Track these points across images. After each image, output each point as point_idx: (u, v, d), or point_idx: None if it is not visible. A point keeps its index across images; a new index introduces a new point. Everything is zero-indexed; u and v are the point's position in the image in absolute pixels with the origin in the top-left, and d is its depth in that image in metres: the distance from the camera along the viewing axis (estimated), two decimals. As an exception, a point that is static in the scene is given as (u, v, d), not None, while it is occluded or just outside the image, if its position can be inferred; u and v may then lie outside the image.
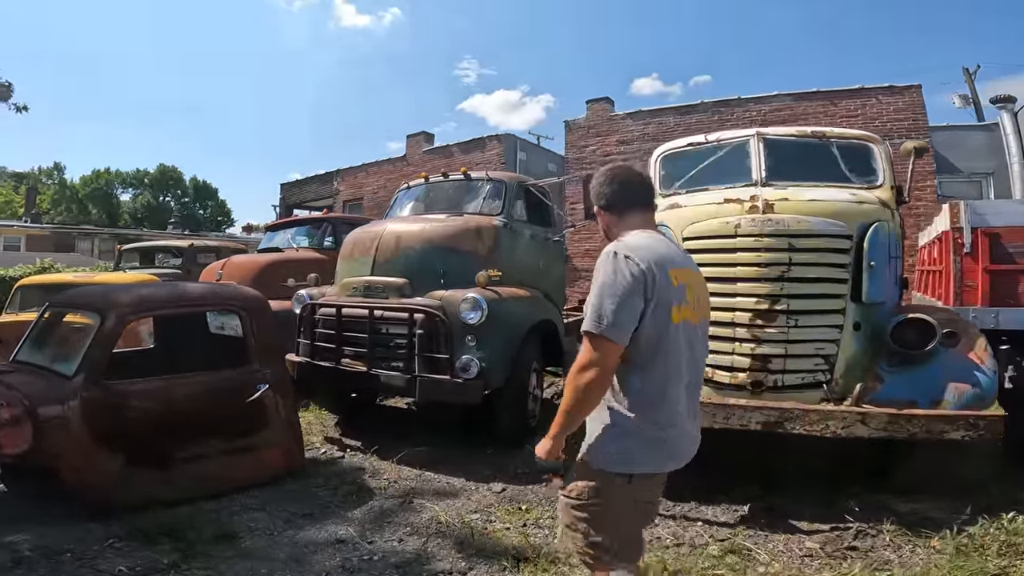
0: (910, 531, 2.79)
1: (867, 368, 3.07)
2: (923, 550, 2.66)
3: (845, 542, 2.75)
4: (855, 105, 9.36)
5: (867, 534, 2.80)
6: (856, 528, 2.83)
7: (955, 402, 2.88)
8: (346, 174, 17.70)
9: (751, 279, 3.01)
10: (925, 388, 2.95)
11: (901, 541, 2.74)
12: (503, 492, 3.43)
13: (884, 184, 3.58)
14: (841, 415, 2.77)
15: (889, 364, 3.07)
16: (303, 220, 9.44)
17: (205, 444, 3.34)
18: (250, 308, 3.80)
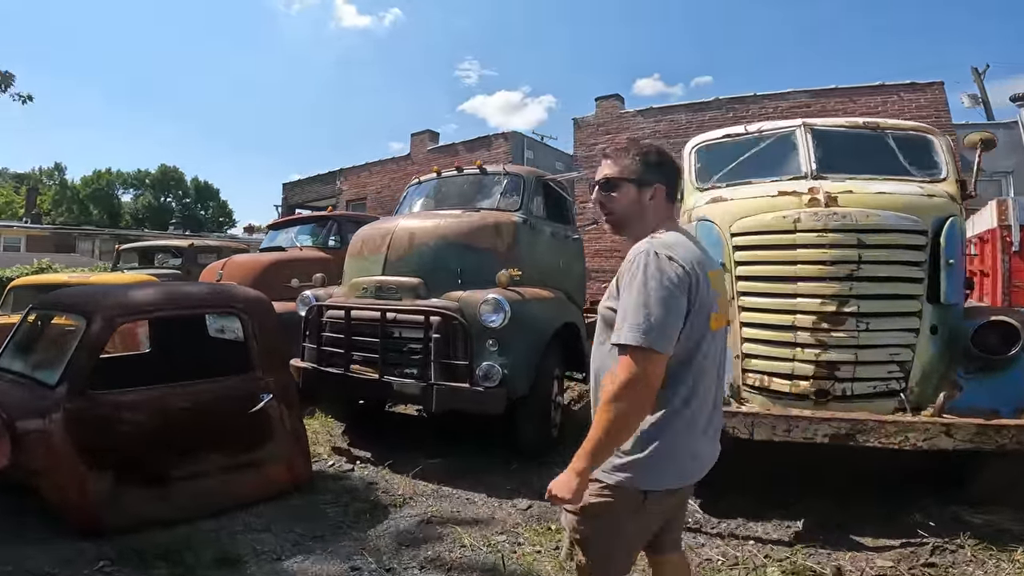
0: (994, 545, 2.52)
1: (943, 375, 2.76)
2: (1008, 564, 2.40)
3: (921, 558, 2.48)
4: (875, 102, 9.08)
5: (945, 549, 2.53)
6: (932, 543, 2.55)
7: (1044, 413, 2.57)
8: (349, 173, 17.45)
9: (815, 278, 2.70)
10: (1008, 396, 2.67)
11: (984, 556, 2.46)
12: (529, 510, 3.12)
13: (948, 178, 3.27)
14: (923, 426, 2.46)
15: (967, 370, 2.76)
16: (307, 218, 9.12)
17: (204, 459, 3.03)
18: (252, 310, 3.49)
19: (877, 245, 2.71)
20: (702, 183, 3.65)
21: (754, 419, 2.62)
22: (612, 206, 1.52)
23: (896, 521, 2.82)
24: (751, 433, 2.61)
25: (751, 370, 2.89)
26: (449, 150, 13.93)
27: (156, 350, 4.54)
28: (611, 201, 1.52)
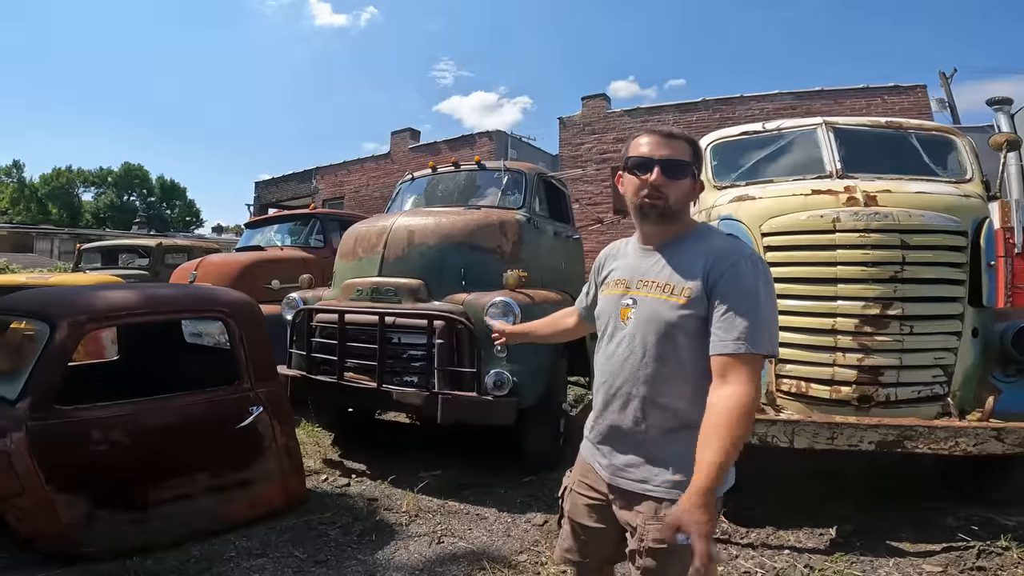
0: None
1: (981, 379, 2.66)
2: None
3: (968, 562, 2.40)
4: (860, 104, 9.17)
5: (991, 553, 2.43)
6: (978, 547, 2.45)
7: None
8: (326, 172, 17.02)
9: (857, 280, 2.56)
10: (1047, 401, 2.56)
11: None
12: (546, 525, 2.89)
13: (974, 179, 3.18)
14: (974, 431, 2.34)
15: (1005, 374, 2.66)
16: (287, 216, 8.72)
17: (189, 479, 2.73)
18: (239, 314, 3.18)
19: (920, 246, 2.59)
20: (720, 181, 3.49)
21: (795, 426, 2.46)
22: (670, 193, 1.31)
23: (930, 525, 2.74)
24: (791, 441, 2.46)
25: (786, 375, 2.74)
26: (431, 149, 13.65)
27: (126, 358, 4.18)
28: (670, 187, 1.31)
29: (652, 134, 1.36)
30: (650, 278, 1.33)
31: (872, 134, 3.40)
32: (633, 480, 1.34)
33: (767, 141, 3.55)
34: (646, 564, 1.29)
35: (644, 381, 1.31)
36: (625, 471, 1.36)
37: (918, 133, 3.38)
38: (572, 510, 1.51)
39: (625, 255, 1.46)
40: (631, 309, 1.34)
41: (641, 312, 1.32)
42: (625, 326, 1.34)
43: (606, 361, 1.39)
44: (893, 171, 3.15)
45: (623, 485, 1.36)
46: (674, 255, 1.33)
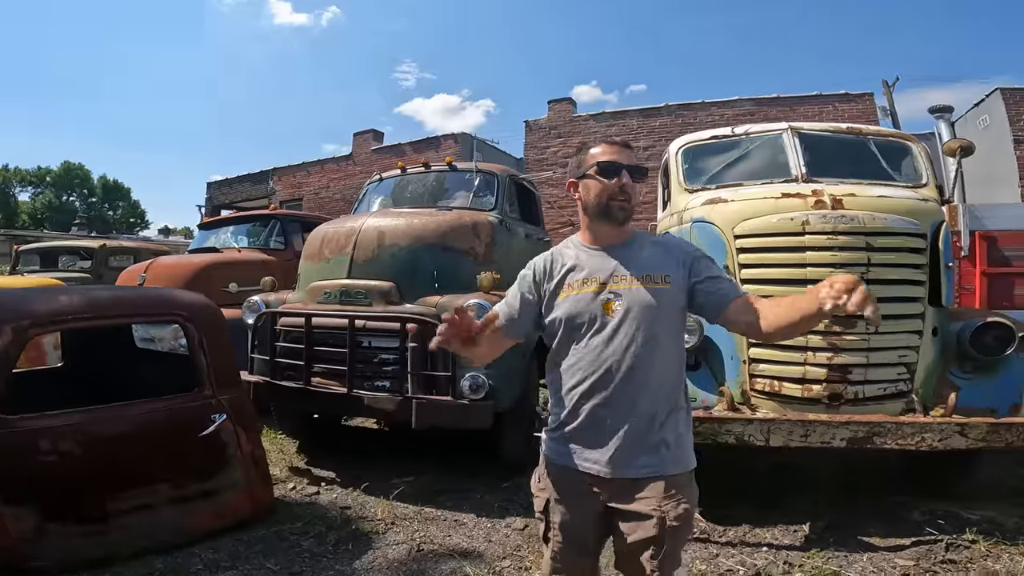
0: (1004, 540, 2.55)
1: (941, 376, 2.78)
2: (1022, 558, 2.42)
3: (937, 556, 2.47)
4: (813, 111, 9.56)
5: (959, 546, 2.53)
6: (946, 541, 2.55)
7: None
8: (283, 173, 16.55)
9: (825, 281, 2.63)
10: (1001, 395, 2.72)
11: (997, 551, 2.48)
12: (527, 529, 2.85)
13: (929, 184, 3.34)
14: (938, 427, 2.44)
15: (962, 371, 2.80)
16: (245, 217, 8.41)
17: (148, 490, 2.59)
18: (198, 318, 3.03)
19: (884, 248, 2.69)
20: (691, 184, 3.56)
21: (770, 425, 2.51)
22: (633, 194, 1.46)
23: (897, 519, 2.83)
24: (767, 439, 2.51)
25: (760, 375, 2.79)
26: (395, 151, 13.44)
27: (72, 365, 3.94)
28: (634, 190, 1.46)
29: (611, 143, 1.49)
30: (627, 273, 1.42)
31: (834, 139, 3.53)
32: (640, 467, 1.38)
33: (735, 145, 3.64)
34: (668, 544, 1.36)
35: (645, 364, 1.37)
36: (629, 460, 1.38)
37: (876, 139, 3.52)
38: (563, 520, 1.49)
39: (576, 259, 1.49)
40: (615, 302, 1.40)
41: (629, 302, 1.39)
42: (613, 317, 1.39)
43: (597, 355, 1.39)
44: (853, 175, 3.28)
45: (629, 474, 1.38)
46: (635, 252, 1.46)
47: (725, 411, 2.69)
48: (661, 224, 4.02)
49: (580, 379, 1.42)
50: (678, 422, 1.43)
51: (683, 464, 1.42)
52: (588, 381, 1.40)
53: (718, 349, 2.96)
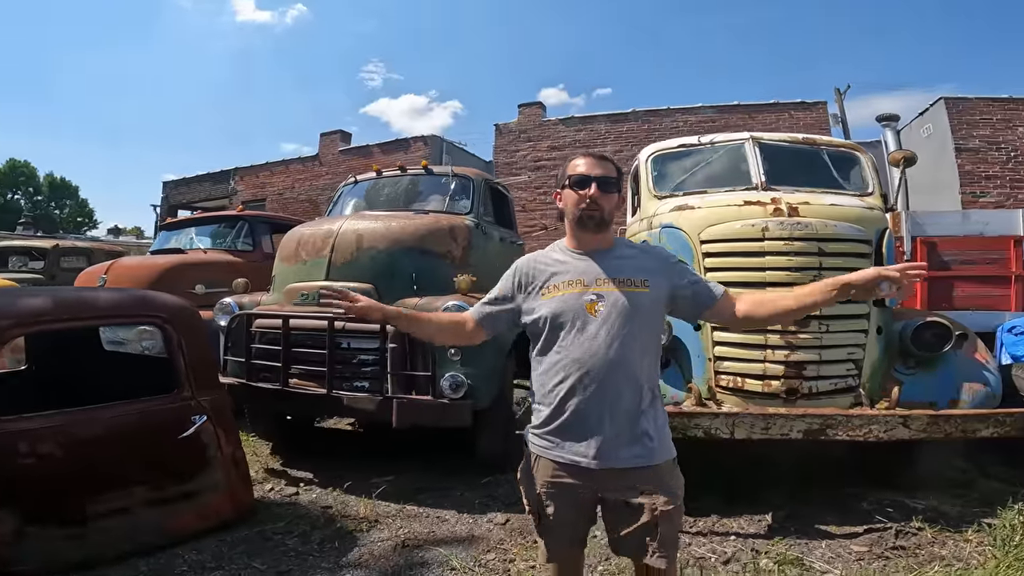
0: (950, 528, 2.77)
1: (885, 372, 3.03)
2: (964, 544, 2.63)
3: (888, 542, 2.66)
4: (771, 119, 9.99)
5: (907, 533, 2.74)
6: (895, 528, 2.76)
7: (970, 401, 2.91)
8: (245, 173, 16.20)
9: (782, 283, 2.83)
10: (941, 389, 2.97)
11: (942, 537, 2.69)
12: (508, 524, 2.96)
13: (875, 192, 3.61)
14: (884, 419, 2.66)
15: (905, 367, 3.05)
16: (211, 218, 8.25)
17: (129, 492, 2.59)
18: (177, 320, 3.03)
19: (835, 253, 2.92)
20: (660, 191, 3.74)
21: (735, 419, 2.69)
22: (604, 204, 1.55)
23: (850, 509, 3.03)
24: (732, 432, 2.69)
25: (724, 372, 2.99)
26: (363, 152, 13.36)
27: (36, 367, 3.86)
28: (605, 200, 1.55)
29: (587, 156, 1.60)
30: (609, 276, 1.52)
31: (791, 150, 3.77)
32: (626, 457, 1.47)
33: (701, 153, 3.84)
34: (664, 530, 1.47)
35: (626, 361, 1.47)
36: (615, 451, 1.47)
37: (828, 149, 3.78)
38: (555, 512, 1.55)
39: (561, 262, 1.59)
40: (598, 303, 1.50)
41: (611, 304, 1.49)
42: (596, 317, 1.49)
43: (580, 353, 1.48)
44: (807, 184, 3.51)
45: (618, 465, 1.47)
46: (616, 258, 1.57)
47: (693, 406, 2.87)
48: (631, 228, 4.20)
49: (565, 376, 1.49)
50: (657, 414, 1.53)
51: (665, 453, 1.53)
52: (573, 377, 1.47)
53: (686, 348, 3.14)
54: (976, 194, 9.25)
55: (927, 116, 10.12)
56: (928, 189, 9.34)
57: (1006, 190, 9.16)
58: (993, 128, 9.24)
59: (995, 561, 2.36)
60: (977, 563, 2.42)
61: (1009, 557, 2.35)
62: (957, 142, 9.32)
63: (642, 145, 10.16)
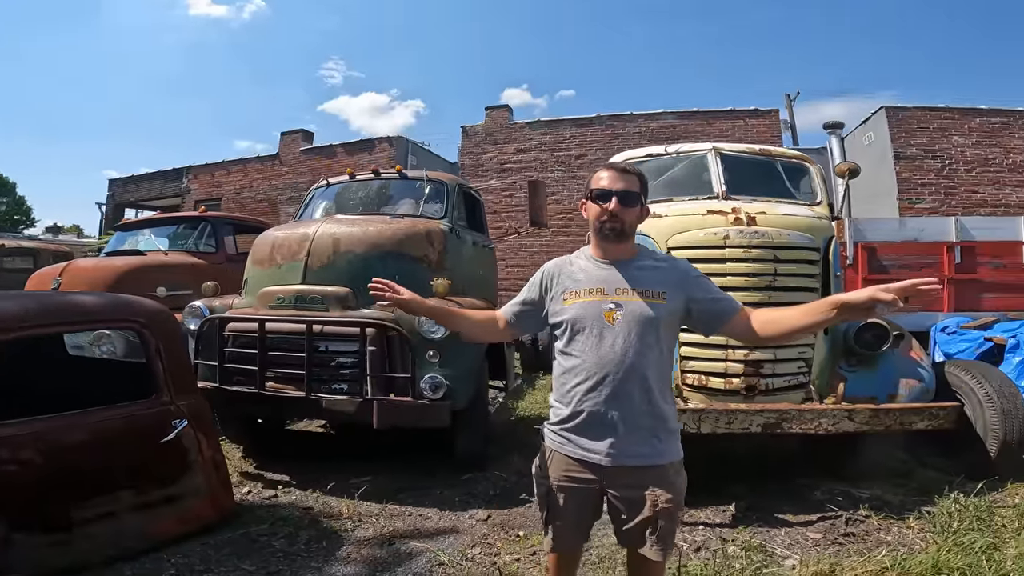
0: (894, 515, 3.02)
1: (831, 369, 3.30)
2: (907, 530, 2.88)
3: (840, 530, 2.90)
4: (727, 125, 10.43)
5: (856, 520, 2.98)
6: (845, 516, 3.00)
7: (907, 396, 3.21)
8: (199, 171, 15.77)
9: (741, 288, 3.06)
10: (880, 385, 3.26)
11: (887, 524, 2.94)
12: (490, 519, 3.09)
13: (823, 202, 3.90)
14: (832, 413, 2.92)
15: (848, 364, 3.33)
16: (170, 218, 8.05)
17: (112, 498, 2.60)
18: (155, 324, 3.04)
19: (788, 260, 3.17)
20: (628, 199, 3.94)
21: (701, 414, 2.90)
22: (625, 218, 1.63)
23: (803, 499, 3.27)
24: (698, 427, 2.90)
25: (690, 371, 3.20)
26: (326, 152, 13.20)
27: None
28: (625, 213, 1.63)
29: (610, 170, 1.67)
30: (628, 286, 1.60)
31: (749, 160, 4.03)
32: (640, 456, 1.57)
33: (668, 163, 4.07)
34: (662, 524, 1.58)
35: (640, 368, 1.56)
36: (629, 450, 1.57)
37: (782, 160, 4.06)
38: (564, 505, 1.65)
39: (584, 269, 1.68)
40: (616, 312, 1.58)
41: (629, 313, 1.57)
42: (613, 325, 1.57)
43: (598, 357, 1.57)
44: (763, 193, 3.77)
45: (629, 463, 1.57)
46: (636, 269, 1.64)
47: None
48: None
49: (583, 378, 1.58)
50: (668, 419, 1.62)
51: (672, 454, 1.62)
52: (591, 380, 1.57)
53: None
54: (912, 200, 9.84)
55: (869, 124, 10.70)
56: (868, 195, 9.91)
57: (940, 196, 9.81)
58: (930, 136, 9.83)
59: (936, 546, 2.58)
60: (920, 548, 2.64)
61: (948, 542, 2.59)
62: (896, 150, 9.86)
63: (606, 148, 10.53)
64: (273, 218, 10.25)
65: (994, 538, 2.60)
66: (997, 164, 9.50)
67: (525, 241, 10.13)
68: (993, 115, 9.69)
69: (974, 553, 2.45)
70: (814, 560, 2.51)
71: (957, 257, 5.99)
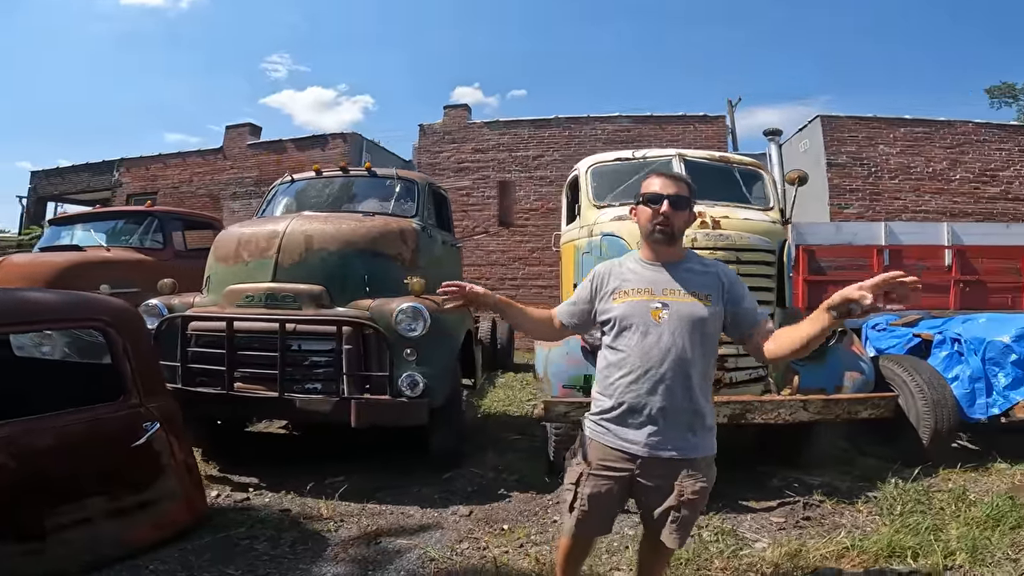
0: (845, 500, 3.26)
1: (786, 363, 3.55)
2: (857, 513, 3.13)
3: (799, 514, 3.12)
4: (679, 130, 10.85)
5: (813, 505, 3.22)
6: (802, 502, 3.24)
7: (851, 387, 3.50)
8: (132, 164, 14.94)
9: (708, 288, 3.25)
10: (828, 377, 3.53)
11: (840, 509, 3.19)
12: (473, 515, 3.14)
13: (775, 207, 4.18)
14: (789, 403, 3.16)
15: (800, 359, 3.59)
16: (112, 212, 7.62)
17: (83, 504, 2.49)
18: (121, 323, 2.92)
19: (748, 261, 3.39)
20: (598, 201, 4.09)
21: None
22: (675, 222, 1.71)
23: (762, 486, 3.50)
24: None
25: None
26: (275, 147, 12.78)
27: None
28: (676, 217, 1.71)
29: (662, 176, 1.78)
30: (675, 287, 1.70)
31: (710, 167, 4.25)
32: (671, 449, 1.66)
33: (635, 167, 4.23)
34: (684, 514, 1.68)
35: (682, 366, 1.65)
36: (663, 443, 1.65)
37: (739, 167, 4.31)
38: (593, 491, 1.73)
39: (633, 271, 1.77)
40: (662, 311, 1.67)
41: (675, 313, 1.67)
42: (660, 324, 1.66)
43: (642, 353, 1.66)
44: (723, 198, 3.99)
45: (662, 455, 1.66)
46: (684, 271, 1.73)
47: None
48: (569, 235, 4.52)
49: (627, 372, 1.67)
50: (705, 415, 1.70)
51: (705, 450, 1.71)
52: (634, 374, 1.66)
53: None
54: (841, 206, 10.53)
55: (806, 132, 11.35)
56: (801, 199, 10.54)
57: (866, 202, 10.54)
58: (859, 145, 10.52)
59: (887, 528, 2.83)
60: (872, 530, 2.88)
61: (897, 524, 2.84)
62: (828, 157, 10.52)
63: (563, 150, 10.75)
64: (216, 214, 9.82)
65: (936, 520, 2.87)
66: (918, 172, 10.31)
67: (483, 241, 10.19)
68: (916, 125, 10.49)
69: (921, 533, 2.70)
70: (781, 542, 2.70)
71: (886, 260, 6.51)
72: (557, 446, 3.53)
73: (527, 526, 2.99)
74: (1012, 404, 3.77)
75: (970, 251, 6.31)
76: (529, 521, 3.08)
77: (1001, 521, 2.81)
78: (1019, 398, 3.75)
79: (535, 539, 2.84)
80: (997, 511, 2.89)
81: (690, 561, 2.52)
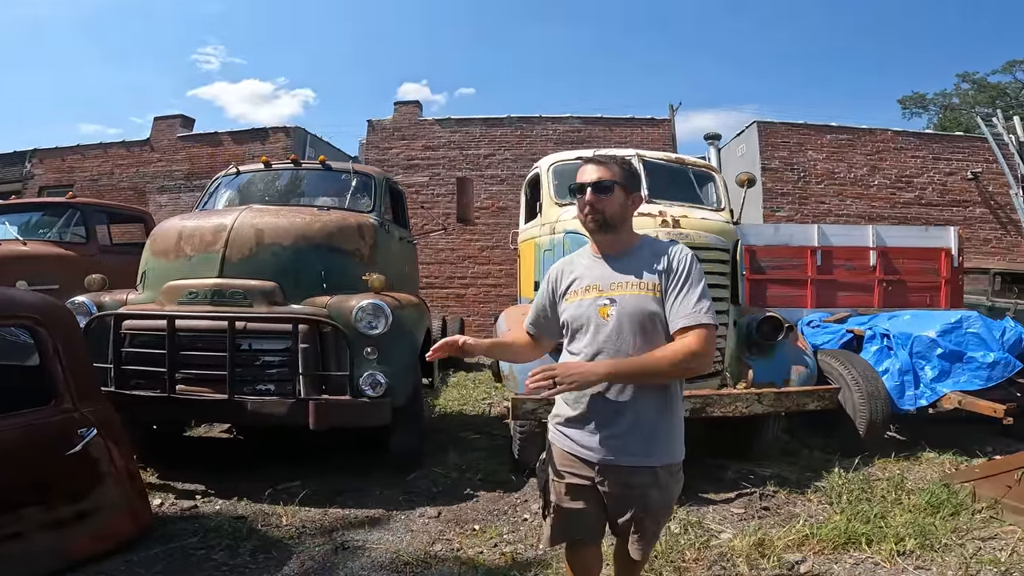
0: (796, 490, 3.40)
1: (739, 358, 3.71)
2: (808, 503, 3.28)
3: (757, 505, 3.25)
4: (627, 132, 11.10)
5: (769, 496, 3.35)
6: (759, 492, 3.37)
7: (797, 380, 3.69)
8: (47, 155, 13.77)
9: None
10: (776, 371, 3.72)
11: (793, 498, 3.33)
12: (441, 516, 3.07)
13: (725, 208, 4.35)
14: (745, 397, 3.29)
15: (752, 354, 3.76)
16: (29, 204, 6.99)
17: (16, 516, 2.29)
18: (51, 322, 2.69)
19: (706, 260, 3.48)
20: (560, 199, 4.12)
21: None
22: (605, 208, 1.58)
23: (719, 479, 3.62)
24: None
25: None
26: (209, 140, 12.10)
27: None
28: (602, 203, 1.58)
29: (587, 163, 1.65)
30: (622, 280, 1.57)
31: (667, 167, 4.38)
32: (632, 455, 1.54)
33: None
34: (648, 525, 1.61)
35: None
36: (622, 449, 1.54)
37: (693, 168, 4.47)
38: (558, 499, 1.65)
39: (583, 266, 1.66)
40: (610, 307, 1.55)
41: (623, 307, 1.54)
42: (608, 321, 1.54)
43: (592, 354, 1.55)
44: (679, 199, 4.12)
45: (623, 462, 1.55)
46: (632, 261, 1.61)
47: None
48: (529, 232, 4.53)
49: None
50: (670, 418, 1.57)
51: (669, 457, 1.58)
52: None
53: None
54: (773, 208, 11.14)
55: (743, 137, 11.89)
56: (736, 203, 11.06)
57: (796, 205, 11.15)
58: (790, 150, 11.12)
59: (839, 516, 2.95)
60: (825, 518, 2.97)
61: (847, 512, 2.97)
62: (763, 162, 11.08)
63: (514, 149, 10.77)
64: (140, 207, 9.18)
65: (881, 507, 3.05)
66: (842, 177, 11.02)
67: (433, 239, 10.04)
68: (842, 132, 11.21)
69: (872, 520, 2.86)
70: (746, 532, 2.79)
71: (818, 260, 6.91)
72: (522, 444, 3.53)
73: (498, 525, 2.96)
74: (939, 396, 4.07)
75: (892, 252, 6.78)
76: (500, 520, 3.05)
77: (940, 508, 3.00)
78: (946, 390, 4.05)
79: (508, 538, 2.82)
80: (935, 498, 3.08)
81: (662, 554, 2.56)
